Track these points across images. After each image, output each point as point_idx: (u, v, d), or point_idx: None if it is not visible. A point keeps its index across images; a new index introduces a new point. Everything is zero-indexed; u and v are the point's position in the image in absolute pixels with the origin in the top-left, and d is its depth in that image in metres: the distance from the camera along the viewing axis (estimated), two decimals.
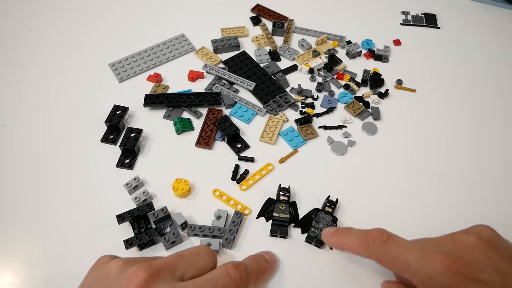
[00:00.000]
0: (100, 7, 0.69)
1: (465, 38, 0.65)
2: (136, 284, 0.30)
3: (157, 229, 0.42)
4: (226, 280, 0.33)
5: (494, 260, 0.31)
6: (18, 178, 0.48)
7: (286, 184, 0.46)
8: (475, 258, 0.31)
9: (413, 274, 0.32)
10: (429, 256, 0.31)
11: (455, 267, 0.30)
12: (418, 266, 0.31)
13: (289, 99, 0.55)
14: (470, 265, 0.30)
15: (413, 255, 0.32)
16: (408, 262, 0.32)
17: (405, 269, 0.32)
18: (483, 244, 0.32)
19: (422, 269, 0.31)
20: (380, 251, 0.34)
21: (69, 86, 0.57)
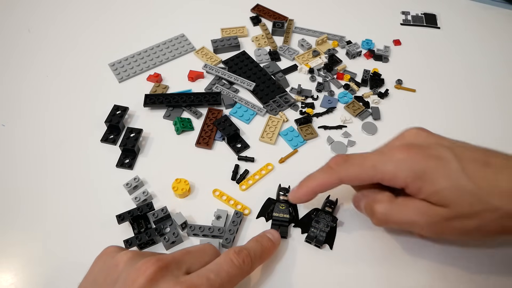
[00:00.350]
0: (100, 7, 0.69)
1: (465, 38, 0.65)
2: (145, 276, 0.31)
3: (157, 229, 0.42)
4: (229, 267, 0.34)
5: (437, 140, 0.36)
6: (18, 178, 0.48)
7: (286, 184, 0.46)
8: (423, 142, 0.36)
9: (381, 172, 0.35)
10: (388, 152, 0.36)
11: (412, 150, 0.35)
12: (383, 163, 0.35)
13: (289, 99, 0.55)
14: (422, 147, 0.35)
15: (375, 157, 0.36)
16: (374, 164, 0.36)
17: (373, 172, 0.36)
18: (423, 131, 0.37)
19: (387, 165, 0.35)
20: (346, 168, 0.37)
21: (69, 86, 0.57)
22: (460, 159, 0.34)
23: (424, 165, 0.34)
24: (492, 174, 0.33)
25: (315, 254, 0.42)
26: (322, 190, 0.39)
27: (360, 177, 0.37)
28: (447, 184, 0.33)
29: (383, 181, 0.36)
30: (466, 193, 0.33)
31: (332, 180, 0.38)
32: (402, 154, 0.35)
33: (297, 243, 0.43)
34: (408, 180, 0.34)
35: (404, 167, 0.34)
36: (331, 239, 0.43)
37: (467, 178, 0.33)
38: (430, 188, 0.34)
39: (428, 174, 0.34)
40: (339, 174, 0.37)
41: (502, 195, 0.32)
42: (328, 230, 0.42)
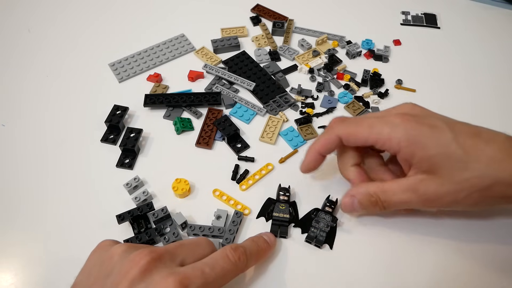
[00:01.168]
0: (100, 7, 0.69)
1: (465, 38, 0.65)
2: (139, 267, 0.31)
3: (157, 229, 0.42)
4: (224, 262, 0.34)
5: (431, 113, 0.39)
6: (18, 178, 0.48)
7: (286, 184, 0.46)
8: (418, 113, 0.38)
9: (377, 133, 0.37)
10: (384, 117, 0.38)
11: (407, 118, 0.37)
12: (379, 125, 0.37)
13: (289, 99, 0.55)
14: (418, 116, 0.37)
15: (372, 119, 0.38)
16: (371, 125, 0.38)
17: (369, 131, 0.38)
18: (419, 106, 0.39)
19: (383, 127, 0.37)
20: (344, 125, 0.39)
21: (69, 86, 0.57)
22: (453, 129, 0.36)
23: (419, 131, 0.36)
24: (481, 143, 0.35)
25: (315, 254, 0.42)
26: (325, 150, 0.41)
27: (356, 135, 0.38)
28: (439, 151, 0.35)
29: (377, 143, 0.38)
30: (455, 159, 0.35)
31: (332, 137, 0.40)
32: (398, 119, 0.37)
33: (297, 243, 0.43)
34: (402, 144, 0.36)
35: (399, 131, 0.36)
36: (331, 239, 0.43)
37: (457, 146, 0.35)
38: (422, 153, 0.36)
39: (421, 140, 0.36)
40: (338, 131, 0.40)
41: (489, 162, 0.34)
42: (328, 230, 0.42)
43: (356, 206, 0.40)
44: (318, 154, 0.41)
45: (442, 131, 0.36)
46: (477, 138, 0.35)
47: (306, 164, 0.43)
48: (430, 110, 0.39)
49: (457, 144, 0.35)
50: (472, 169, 0.34)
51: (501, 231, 0.43)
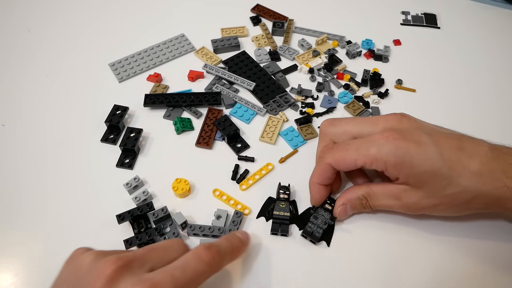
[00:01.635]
0: (100, 7, 0.69)
1: (465, 38, 0.65)
2: (104, 277, 0.30)
3: (157, 229, 0.42)
4: (197, 263, 0.33)
5: (417, 126, 0.39)
6: (18, 178, 0.48)
7: (286, 184, 0.46)
8: (405, 127, 0.39)
9: (364, 155, 0.38)
10: (370, 138, 0.39)
11: (392, 136, 0.37)
12: (366, 147, 0.38)
13: (289, 99, 0.55)
14: (403, 132, 0.38)
15: (358, 142, 0.39)
16: (357, 148, 0.39)
17: (356, 155, 0.39)
18: (407, 118, 0.40)
19: (369, 149, 0.38)
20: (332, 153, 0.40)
21: (69, 86, 0.57)
22: (438, 144, 0.37)
23: (404, 150, 0.37)
24: (465, 158, 0.36)
25: (313, 251, 0.42)
26: (324, 180, 0.42)
27: (345, 160, 0.40)
28: (424, 169, 0.36)
29: (365, 164, 0.39)
30: (440, 176, 0.36)
31: (324, 168, 0.41)
32: (383, 139, 0.38)
33: (298, 241, 0.43)
34: (388, 164, 0.37)
35: (385, 151, 0.37)
36: (328, 236, 0.43)
37: (442, 163, 0.36)
38: (408, 171, 0.37)
39: (407, 159, 0.37)
40: (327, 160, 0.41)
41: (471, 177, 0.36)
42: (325, 228, 0.42)
43: (349, 211, 0.43)
44: (319, 186, 0.43)
45: (427, 148, 0.37)
46: (460, 152, 0.37)
47: (313, 198, 0.44)
48: (417, 121, 0.40)
49: (442, 161, 0.36)
50: (456, 185, 0.36)
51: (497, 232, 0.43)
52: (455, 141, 0.38)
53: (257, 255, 0.42)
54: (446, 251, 0.42)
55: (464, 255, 0.42)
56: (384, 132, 0.38)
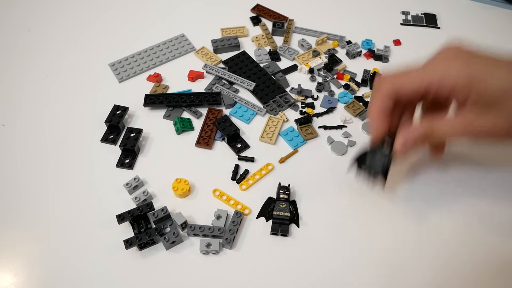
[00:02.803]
0: (100, 7, 0.69)
1: (465, 38, 0.65)
2: None
3: (157, 229, 0.42)
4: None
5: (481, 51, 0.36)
6: (18, 178, 0.48)
7: (286, 184, 0.46)
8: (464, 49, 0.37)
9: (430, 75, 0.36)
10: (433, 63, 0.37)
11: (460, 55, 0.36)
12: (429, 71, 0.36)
13: (289, 99, 0.55)
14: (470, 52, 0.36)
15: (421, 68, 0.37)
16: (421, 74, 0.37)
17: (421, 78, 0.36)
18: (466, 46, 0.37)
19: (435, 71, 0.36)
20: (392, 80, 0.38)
21: (69, 86, 0.57)
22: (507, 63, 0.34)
23: (474, 67, 0.35)
24: None
25: (313, 251, 0.42)
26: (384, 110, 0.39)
27: (408, 84, 0.37)
28: (498, 85, 0.34)
29: (430, 89, 0.36)
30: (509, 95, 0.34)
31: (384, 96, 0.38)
32: (449, 60, 0.36)
33: (298, 241, 0.43)
34: (459, 81, 0.35)
35: (453, 71, 0.35)
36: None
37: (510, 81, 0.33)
38: (480, 90, 0.35)
39: (478, 75, 0.34)
40: (387, 86, 0.38)
41: None
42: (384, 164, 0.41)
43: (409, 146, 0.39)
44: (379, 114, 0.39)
45: (498, 66, 0.35)
46: None
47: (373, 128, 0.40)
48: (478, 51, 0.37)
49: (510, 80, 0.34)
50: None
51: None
52: None
53: (257, 255, 0.42)
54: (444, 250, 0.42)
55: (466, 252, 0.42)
56: (448, 51, 0.36)
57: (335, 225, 0.44)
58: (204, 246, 0.41)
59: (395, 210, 0.45)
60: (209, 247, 0.41)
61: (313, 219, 0.44)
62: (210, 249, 0.41)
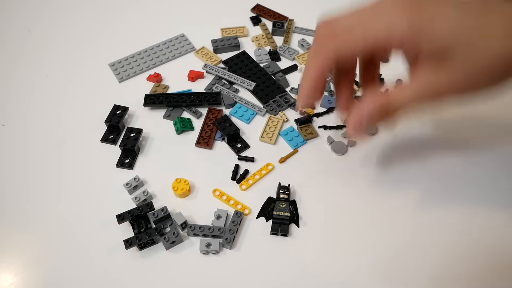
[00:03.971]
0: (101, 7, 0.69)
1: None
2: None
3: (157, 229, 0.42)
4: None
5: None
6: (18, 178, 0.48)
7: (286, 184, 0.46)
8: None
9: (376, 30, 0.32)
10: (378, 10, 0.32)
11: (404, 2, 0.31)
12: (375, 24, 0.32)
13: (289, 99, 0.55)
14: None
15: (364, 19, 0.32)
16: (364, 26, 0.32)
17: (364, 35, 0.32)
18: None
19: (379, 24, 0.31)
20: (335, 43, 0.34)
21: (69, 86, 0.57)
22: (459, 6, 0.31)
23: (420, 15, 0.31)
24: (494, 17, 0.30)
25: (313, 251, 0.42)
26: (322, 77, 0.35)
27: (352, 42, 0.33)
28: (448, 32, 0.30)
29: (377, 43, 0.32)
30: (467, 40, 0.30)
31: (324, 59, 0.34)
32: (393, 8, 0.31)
33: (299, 241, 0.43)
34: (405, 36, 0.31)
35: (398, 20, 0.31)
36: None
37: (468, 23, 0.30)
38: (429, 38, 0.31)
39: (426, 25, 0.30)
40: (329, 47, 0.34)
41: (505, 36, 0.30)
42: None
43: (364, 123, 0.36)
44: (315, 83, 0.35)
45: (447, 10, 0.31)
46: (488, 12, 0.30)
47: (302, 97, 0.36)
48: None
49: (466, 21, 0.30)
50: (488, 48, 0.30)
51: None
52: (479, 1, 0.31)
53: (257, 255, 0.42)
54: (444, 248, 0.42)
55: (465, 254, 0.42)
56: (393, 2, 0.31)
57: (335, 225, 0.44)
58: (204, 246, 0.41)
59: (395, 210, 0.45)
60: (209, 247, 0.41)
61: (313, 219, 0.44)
62: (210, 249, 0.41)
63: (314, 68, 0.35)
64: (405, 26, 0.31)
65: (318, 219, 0.44)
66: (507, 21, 0.30)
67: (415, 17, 0.31)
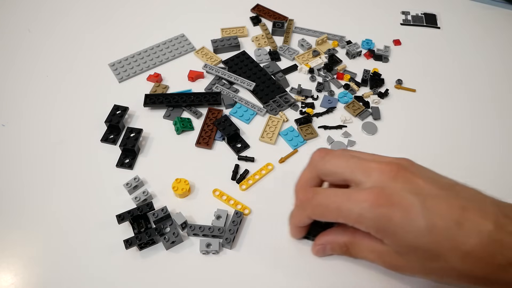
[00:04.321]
0: (101, 7, 0.69)
1: (465, 38, 0.65)
2: None
3: (157, 229, 0.42)
4: None
5: (413, 183, 0.33)
6: (18, 178, 0.48)
7: (286, 184, 0.46)
8: (398, 187, 0.33)
9: (346, 216, 0.35)
10: (355, 195, 0.34)
11: (378, 201, 0.33)
12: (349, 207, 0.34)
13: (289, 99, 0.55)
14: (393, 195, 0.33)
15: (342, 200, 0.35)
16: (339, 207, 0.35)
17: (338, 214, 0.35)
18: (404, 174, 0.34)
19: (352, 210, 0.34)
20: (312, 207, 0.37)
21: (69, 86, 0.57)
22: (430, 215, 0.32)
23: (388, 219, 0.33)
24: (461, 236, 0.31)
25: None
26: (303, 225, 0.40)
27: (326, 217, 0.37)
28: (409, 241, 0.32)
29: (347, 223, 0.35)
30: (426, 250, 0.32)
31: (302, 219, 0.39)
32: (367, 203, 0.33)
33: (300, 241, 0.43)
34: (370, 230, 0.34)
35: (368, 216, 0.33)
36: None
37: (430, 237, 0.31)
38: (392, 240, 0.34)
39: (390, 229, 0.33)
40: (307, 212, 0.38)
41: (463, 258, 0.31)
42: None
43: (327, 252, 0.41)
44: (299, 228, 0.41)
45: (416, 220, 0.32)
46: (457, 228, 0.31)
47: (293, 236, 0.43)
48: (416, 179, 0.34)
49: (430, 236, 0.31)
50: (444, 261, 0.32)
51: None
52: (456, 210, 0.32)
53: (257, 255, 0.42)
54: None
55: None
56: (371, 193, 0.33)
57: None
58: (204, 246, 0.41)
59: None
60: (209, 247, 0.41)
61: None
62: (210, 249, 0.41)
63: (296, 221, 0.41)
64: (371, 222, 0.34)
65: None
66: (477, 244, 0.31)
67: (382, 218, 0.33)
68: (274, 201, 0.46)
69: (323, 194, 0.37)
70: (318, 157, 0.39)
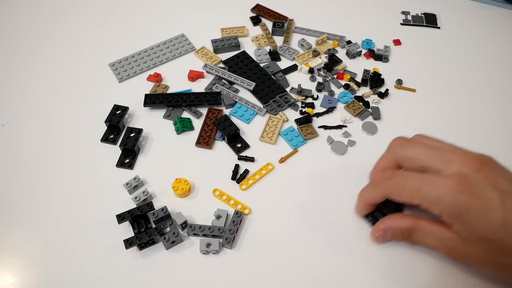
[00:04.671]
0: (101, 7, 0.69)
1: (465, 38, 0.65)
2: None
3: (157, 229, 0.42)
4: None
5: (495, 179, 0.34)
6: (18, 178, 0.48)
7: (286, 184, 0.46)
8: (480, 179, 0.34)
9: (422, 197, 0.35)
10: (435, 179, 0.35)
11: (458, 187, 0.33)
12: (427, 189, 0.35)
13: (289, 99, 0.55)
14: (474, 185, 0.33)
15: (421, 181, 0.36)
16: (418, 188, 0.35)
17: (414, 194, 0.36)
18: (487, 169, 0.35)
19: (430, 192, 0.35)
20: (390, 185, 0.38)
21: (69, 86, 0.57)
22: (508, 211, 0.32)
23: (466, 206, 0.33)
24: None
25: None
26: (373, 203, 0.41)
27: (401, 196, 0.37)
28: (482, 231, 0.33)
29: (420, 205, 0.36)
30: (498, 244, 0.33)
31: (376, 195, 0.40)
32: (447, 188, 0.34)
33: (301, 240, 0.43)
34: (444, 213, 0.35)
35: (445, 201, 0.34)
36: None
37: (505, 232, 0.32)
38: (464, 226, 0.34)
39: (466, 215, 0.33)
40: (382, 190, 0.39)
41: None
42: None
43: (388, 238, 0.41)
44: (368, 204, 0.42)
45: (493, 212, 0.32)
46: None
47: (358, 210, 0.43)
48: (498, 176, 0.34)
49: (505, 231, 0.32)
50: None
51: None
52: None
53: (257, 255, 0.42)
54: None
55: None
56: (452, 179, 0.34)
57: (335, 224, 0.44)
58: (204, 246, 0.41)
59: None
60: (209, 247, 0.41)
61: (313, 218, 0.44)
62: (210, 249, 0.41)
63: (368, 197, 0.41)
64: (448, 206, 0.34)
65: (318, 218, 0.44)
66: None
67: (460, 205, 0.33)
68: (274, 201, 0.46)
69: (403, 174, 0.38)
70: (399, 143, 0.40)
